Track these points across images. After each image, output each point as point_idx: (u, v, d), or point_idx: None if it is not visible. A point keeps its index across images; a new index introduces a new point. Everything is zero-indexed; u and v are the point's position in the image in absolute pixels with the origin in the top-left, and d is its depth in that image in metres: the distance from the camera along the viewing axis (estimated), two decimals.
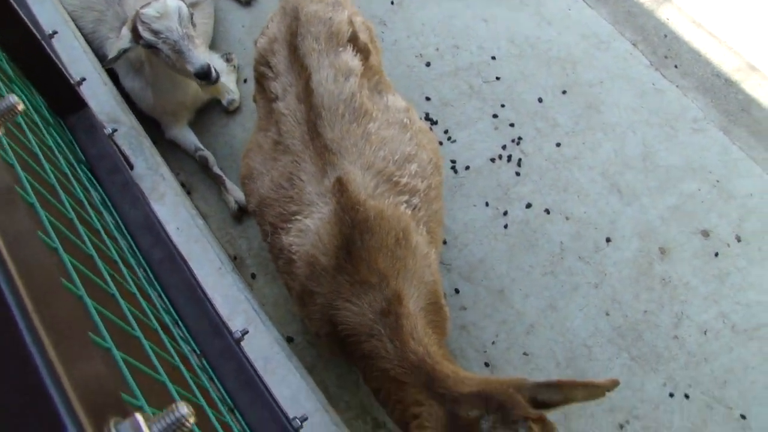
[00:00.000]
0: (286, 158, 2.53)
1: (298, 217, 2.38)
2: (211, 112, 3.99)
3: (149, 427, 0.59)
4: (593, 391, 1.96)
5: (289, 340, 3.33)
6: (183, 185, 3.79)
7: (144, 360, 1.41)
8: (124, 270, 1.86)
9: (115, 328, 1.42)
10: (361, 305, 2.11)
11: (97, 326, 1.15)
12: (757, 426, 3.16)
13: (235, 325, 2.38)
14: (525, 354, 3.32)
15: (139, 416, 0.58)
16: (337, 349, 2.29)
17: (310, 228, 2.28)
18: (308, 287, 2.27)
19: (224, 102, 3.96)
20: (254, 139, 2.79)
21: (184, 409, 0.64)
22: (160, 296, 2.31)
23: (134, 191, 2.55)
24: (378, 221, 2.20)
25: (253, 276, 3.55)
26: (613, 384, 2.00)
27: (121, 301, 1.50)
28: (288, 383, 2.47)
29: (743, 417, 3.18)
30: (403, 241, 2.22)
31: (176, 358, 1.65)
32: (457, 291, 3.45)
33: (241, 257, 3.61)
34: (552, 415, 3.16)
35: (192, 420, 0.64)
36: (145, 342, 1.41)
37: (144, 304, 1.74)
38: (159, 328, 1.69)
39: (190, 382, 1.62)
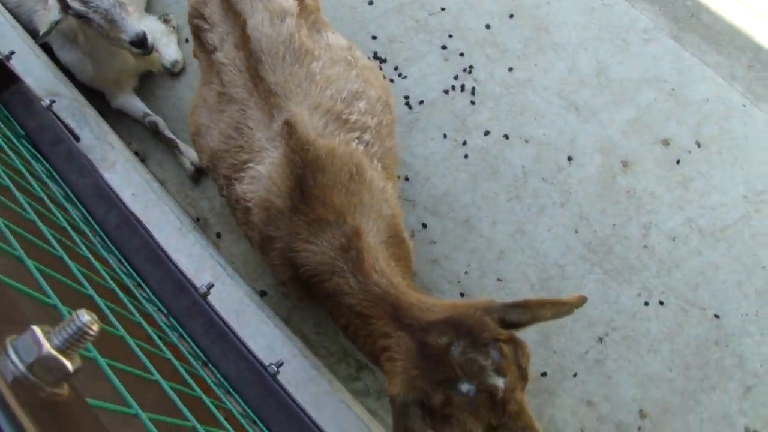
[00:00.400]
0: (231, 108, 2.47)
1: (250, 165, 2.33)
2: (155, 76, 3.88)
3: (49, 339, 0.56)
4: (561, 308, 1.96)
5: (263, 294, 3.31)
6: (137, 153, 3.70)
7: (100, 317, 1.37)
8: (75, 236, 1.81)
9: (66, 288, 1.38)
10: (320, 244, 2.08)
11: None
12: (730, 323, 3.22)
13: (202, 282, 2.34)
14: (499, 280, 3.33)
15: (36, 328, 0.54)
16: (303, 292, 2.27)
17: (263, 173, 2.24)
18: (266, 233, 2.23)
19: (168, 65, 3.85)
20: (199, 95, 2.72)
21: (85, 316, 0.60)
22: (120, 261, 2.26)
23: (80, 160, 2.48)
24: (329, 159, 2.16)
25: (219, 235, 3.50)
26: (581, 300, 2.00)
27: (70, 263, 1.45)
28: (262, 333, 2.46)
29: (717, 316, 3.23)
30: (356, 177, 2.19)
31: (136, 315, 1.62)
32: (424, 226, 3.44)
33: (205, 218, 3.55)
34: (532, 336, 3.20)
35: (95, 327, 0.60)
36: (98, 299, 1.37)
37: (99, 266, 1.69)
38: (116, 288, 1.64)
39: (155, 337, 1.59)
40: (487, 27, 3.89)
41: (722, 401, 3.10)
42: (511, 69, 3.77)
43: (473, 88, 3.71)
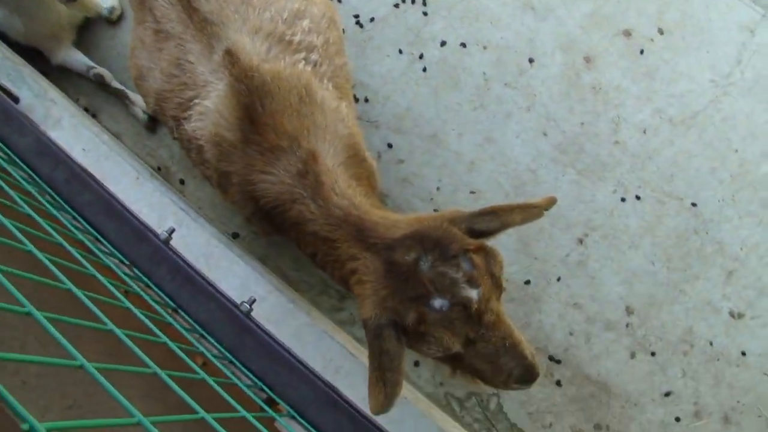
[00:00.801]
0: (169, 45, 2.33)
1: (196, 101, 2.21)
2: (94, 26, 3.69)
3: None
4: (530, 211, 1.90)
5: (235, 235, 3.23)
6: (86, 109, 3.55)
7: (43, 273, 1.29)
8: (16, 196, 1.71)
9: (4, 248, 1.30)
10: (277, 173, 1.98)
11: None
12: (708, 210, 3.19)
13: (168, 228, 2.25)
14: (472, 192, 3.27)
15: None
16: (268, 226, 2.18)
17: (210, 108, 2.12)
18: (222, 169, 2.13)
19: (105, 12, 3.65)
20: (135, 36, 2.56)
21: None
22: (74, 218, 2.16)
23: (18, 119, 2.35)
24: (276, 83, 2.04)
25: (182, 182, 3.40)
26: (550, 201, 1.94)
27: (5, 221, 1.35)
28: (234, 273, 2.38)
29: (694, 205, 3.20)
30: (306, 98, 2.07)
31: (89, 268, 1.53)
32: (390, 146, 3.34)
33: (166, 166, 3.44)
34: (511, 244, 3.16)
35: None
36: (38, 254, 1.28)
37: (43, 223, 1.60)
38: (63, 242, 1.55)
39: (112, 288, 1.51)
40: None
41: (706, 289, 3.10)
42: None
43: None
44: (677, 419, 2.96)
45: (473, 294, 1.68)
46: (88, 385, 3.21)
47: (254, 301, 2.03)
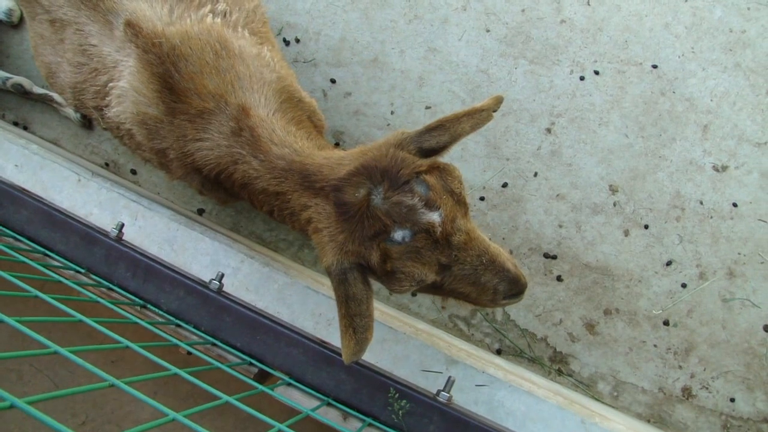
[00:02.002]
0: (68, 33, 2.16)
1: (111, 84, 2.06)
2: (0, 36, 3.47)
3: None
4: (479, 115, 1.77)
5: (200, 212, 3.11)
6: (16, 123, 3.38)
7: None
8: None
9: None
10: (211, 136, 1.85)
11: None
12: (670, 69, 3.07)
13: (117, 224, 2.12)
14: (428, 107, 3.13)
15: None
16: (221, 194, 2.06)
17: (126, 88, 1.97)
18: (156, 147, 1.99)
19: (3, 17, 3.43)
20: (33, 33, 2.39)
21: None
22: (17, 239, 2.04)
23: None
24: (187, 44, 1.88)
25: (134, 172, 3.25)
26: (497, 101, 1.81)
27: None
28: (202, 251, 2.27)
29: (655, 67, 3.08)
30: (223, 52, 1.92)
31: (31, 290, 1.41)
32: (333, 81, 3.19)
33: (113, 160, 3.28)
34: (478, 150, 3.04)
35: None
36: None
37: None
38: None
39: (57, 304, 1.39)
40: None
41: (685, 149, 3.01)
42: None
43: None
44: (683, 285, 2.90)
45: (434, 217, 1.57)
46: (97, 397, 3.14)
47: (223, 276, 1.92)
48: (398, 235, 1.57)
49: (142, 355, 1.38)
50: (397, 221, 1.56)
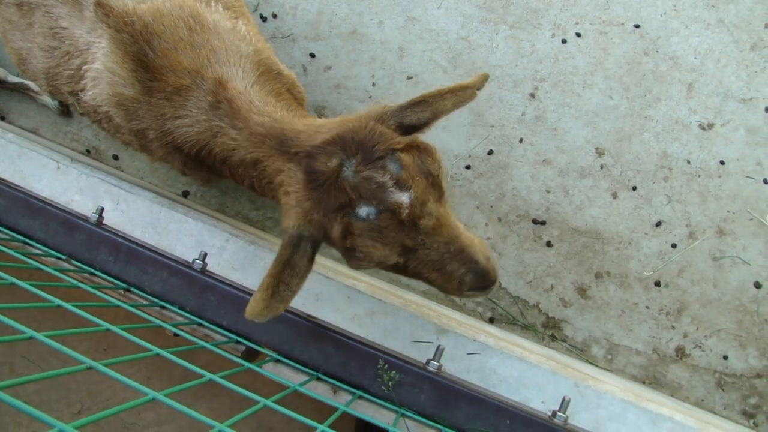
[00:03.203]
0: (37, 16, 2.12)
1: (85, 67, 2.02)
2: None
3: None
4: (463, 93, 1.73)
5: (185, 194, 3.08)
6: None
7: None
8: None
9: None
10: (190, 113, 1.81)
11: None
12: (652, 28, 3.04)
13: (97, 209, 2.09)
14: (409, 78, 3.09)
15: None
16: (203, 172, 2.03)
17: (100, 69, 1.93)
18: (135, 128, 1.95)
19: None
20: (1, 19, 2.33)
21: None
22: None
23: None
24: (159, 21, 1.84)
25: (116, 157, 3.21)
26: (482, 79, 1.76)
27: None
28: (186, 232, 2.24)
29: (637, 26, 3.04)
30: (197, 27, 1.88)
31: (7, 277, 1.39)
32: (312, 55, 3.14)
33: (94, 146, 3.24)
34: (461, 118, 3.01)
35: None
36: None
37: None
38: None
39: (35, 290, 1.37)
40: None
41: (670, 108, 2.98)
42: None
43: None
44: (673, 246, 2.90)
45: (403, 198, 1.51)
46: (91, 386, 3.13)
47: (206, 255, 1.89)
48: (363, 211, 1.52)
49: (133, 342, 1.36)
50: (364, 197, 1.52)
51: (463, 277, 1.64)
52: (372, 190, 1.51)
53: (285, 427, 2.96)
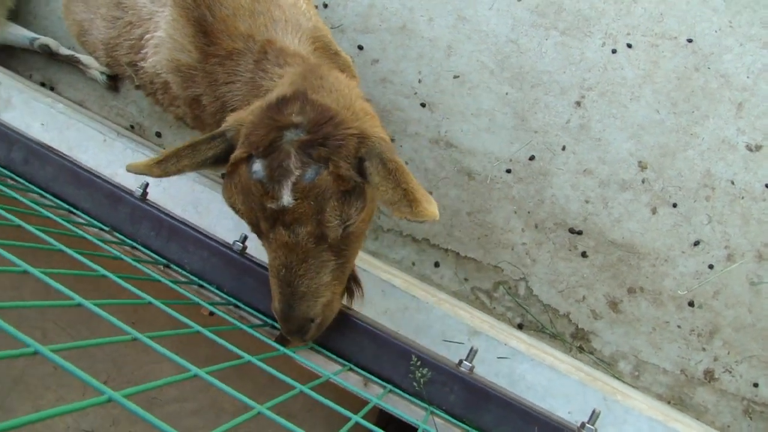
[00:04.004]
0: None
1: (147, 36, 2.04)
2: None
3: None
4: (413, 207, 1.38)
5: (224, 176, 3.10)
6: (43, 84, 3.38)
7: None
8: None
9: None
10: (240, 77, 1.80)
11: None
12: (705, 44, 2.99)
13: (142, 184, 2.12)
14: (455, 77, 3.08)
15: None
16: None
17: (163, 37, 1.96)
18: (190, 96, 1.96)
19: None
20: None
21: None
22: (42, 196, 2.04)
23: None
24: None
25: (159, 134, 3.25)
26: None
27: None
28: (226, 214, 2.25)
29: (690, 41, 3.00)
30: None
31: (55, 243, 1.41)
32: (360, 48, 3.15)
33: (138, 122, 3.28)
34: (507, 122, 2.99)
35: None
36: None
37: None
38: (23, 224, 1.43)
39: (82, 259, 1.39)
40: None
41: (717, 126, 2.94)
42: None
43: None
44: (710, 266, 2.85)
45: (284, 197, 1.41)
46: (117, 357, 3.16)
47: (246, 238, 1.90)
48: (256, 166, 1.44)
49: (162, 316, 1.37)
50: (269, 160, 1.43)
51: (273, 302, 1.57)
52: (277, 163, 1.42)
53: (306, 414, 2.97)
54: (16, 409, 2.97)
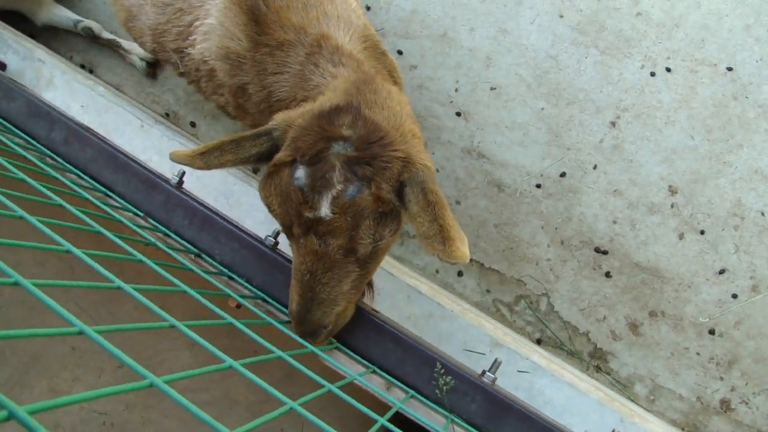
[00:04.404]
0: None
1: (197, 23, 2.06)
2: None
3: None
4: (446, 245, 1.38)
5: (256, 170, 3.13)
6: (83, 66, 3.43)
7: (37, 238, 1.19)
8: (5, 163, 1.60)
9: None
10: (289, 69, 1.81)
11: None
12: (745, 73, 2.97)
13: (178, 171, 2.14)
14: (492, 89, 3.09)
15: None
16: None
17: (214, 24, 1.98)
18: (237, 84, 1.98)
19: None
20: None
21: None
22: (80, 177, 2.06)
23: (4, 84, 2.23)
24: None
25: (193, 124, 3.28)
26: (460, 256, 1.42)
27: None
28: (257, 207, 2.28)
29: (730, 69, 2.98)
30: None
31: (95, 226, 1.43)
32: (400, 53, 3.16)
33: (173, 111, 3.31)
34: (540, 137, 2.99)
35: None
36: (29, 217, 1.17)
37: (38, 186, 1.49)
38: (64, 204, 1.45)
39: (122, 244, 1.41)
40: None
41: (751, 157, 2.92)
42: None
43: None
44: (734, 296, 2.83)
45: (322, 209, 1.43)
46: (134, 344, 3.19)
47: (279, 233, 1.92)
48: (299, 172, 1.45)
49: (181, 304, 1.38)
50: (314, 169, 1.44)
51: (291, 303, 1.60)
52: (321, 174, 1.43)
53: (319, 412, 2.98)
54: (33, 386, 3.01)
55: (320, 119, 1.50)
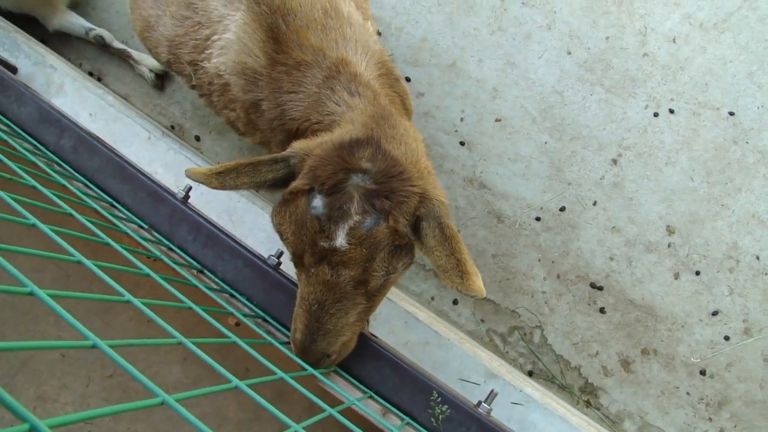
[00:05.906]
0: None
1: (215, 38, 2.08)
2: None
3: None
4: (464, 279, 1.42)
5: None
6: (91, 74, 3.45)
7: (47, 246, 1.20)
8: (15, 167, 1.61)
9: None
10: (304, 89, 1.83)
11: None
12: (747, 118, 3.02)
13: (184, 187, 2.15)
14: (497, 120, 3.12)
15: None
16: None
17: (232, 39, 2.00)
18: (250, 100, 1.99)
19: None
20: None
21: None
22: (87, 186, 2.07)
23: (16, 88, 2.24)
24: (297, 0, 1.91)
25: (198, 138, 3.29)
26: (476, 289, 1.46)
27: (3, 195, 1.26)
28: (260, 226, 2.29)
29: (731, 114, 3.03)
30: (332, 12, 1.93)
31: (103, 236, 1.44)
32: (408, 79, 3.19)
33: (179, 124, 3.33)
34: (542, 170, 3.02)
35: None
36: (41, 225, 1.18)
37: (48, 192, 1.50)
38: (73, 212, 1.46)
39: (128, 256, 1.42)
40: None
41: (749, 201, 2.95)
42: None
43: None
44: (726, 338, 2.85)
45: (338, 239, 1.44)
46: (127, 355, 3.17)
47: (282, 253, 1.93)
48: (317, 201, 1.47)
49: (176, 319, 1.39)
50: (331, 200, 1.46)
51: (295, 332, 1.60)
52: (339, 205, 1.45)
53: None
54: (20, 393, 2.98)
55: (341, 150, 1.52)
